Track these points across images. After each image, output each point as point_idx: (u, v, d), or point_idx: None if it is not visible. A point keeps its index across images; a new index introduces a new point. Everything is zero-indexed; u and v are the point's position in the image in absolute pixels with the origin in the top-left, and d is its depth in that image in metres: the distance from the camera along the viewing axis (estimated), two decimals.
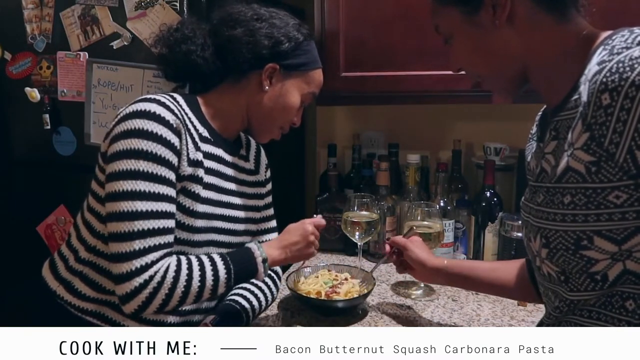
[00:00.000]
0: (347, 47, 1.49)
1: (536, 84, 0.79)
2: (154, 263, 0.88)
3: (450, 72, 1.39)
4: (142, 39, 1.37)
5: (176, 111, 0.94)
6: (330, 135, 1.92)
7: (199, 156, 0.98)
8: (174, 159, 0.92)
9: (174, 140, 0.92)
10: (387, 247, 1.21)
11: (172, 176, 0.92)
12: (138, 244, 0.87)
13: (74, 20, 1.45)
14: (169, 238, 0.92)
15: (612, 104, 0.59)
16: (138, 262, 0.87)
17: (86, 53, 1.45)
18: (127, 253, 0.87)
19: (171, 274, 0.89)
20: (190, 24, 1.07)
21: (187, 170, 0.95)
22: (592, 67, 0.64)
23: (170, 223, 0.92)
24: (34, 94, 1.52)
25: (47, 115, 1.49)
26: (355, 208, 1.36)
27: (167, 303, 0.90)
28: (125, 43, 1.40)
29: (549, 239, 0.71)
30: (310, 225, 1.09)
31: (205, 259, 0.95)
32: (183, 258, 0.93)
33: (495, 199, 1.48)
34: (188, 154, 0.95)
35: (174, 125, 0.92)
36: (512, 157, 1.66)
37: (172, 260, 0.91)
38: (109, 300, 0.98)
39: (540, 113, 0.89)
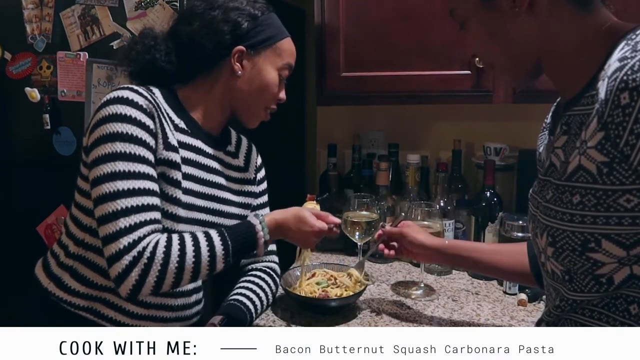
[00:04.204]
0: (347, 47, 1.49)
1: (551, 75, 0.76)
2: (141, 239, 0.87)
3: (450, 72, 1.42)
4: None
5: (149, 97, 0.94)
6: (330, 135, 1.92)
7: (174, 142, 0.98)
8: (150, 140, 0.92)
9: (148, 122, 0.92)
10: (381, 246, 1.21)
11: (150, 156, 0.92)
12: (123, 222, 0.86)
13: (74, 20, 1.45)
14: (155, 215, 0.91)
15: (631, 104, 0.57)
16: (126, 240, 0.86)
17: (86, 53, 1.45)
18: (113, 233, 0.86)
19: (161, 249, 0.88)
20: (151, 32, 1.06)
21: (164, 153, 0.95)
22: (613, 63, 0.61)
23: (154, 200, 0.91)
24: (34, 94, 1.52)
25: (47, 115, 1.49)
26: (355, 208, 1.36)
27: (162, 280, 0.88)
28: (125, 43, 1.40)
29: (555, 237, 0.69)
30: (322, 233, 1.06)
31: (199, 234, 0.93)
32: (174, 234, 0.92)
33: (495, 199, 1.48)
34: (165, 136, 0.95)
35: (147, 109, 0.93)
36: (512, 157, 1.66)
37: (162, 236, 0.90)
38: (99, 296, 0.98)
39: (555, 104, 0.86)
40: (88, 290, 0.98)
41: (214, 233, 0.94)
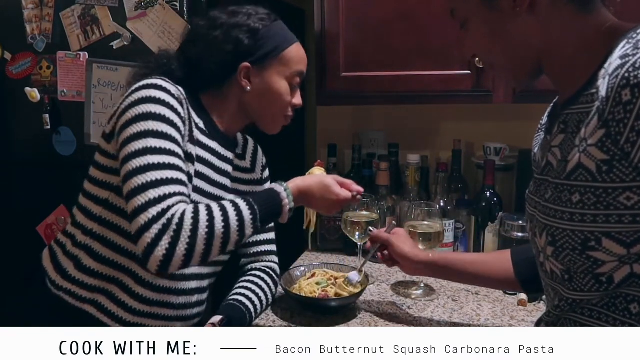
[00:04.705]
0: (347, 47, 1.49)
1: (550, 74, 0.76)
2: (170, 208, 0.85)
3: (450, 72, 1.42)
4: (142, 39, 1.37)
5: (179, 89, 0.97)
6: (330, 135, 1.92)
7: (195, 137, 0.99)
8: (180, 125, 0.94)
9: (179, 109, 0.94)
10: (368, 243, 1.23)
11: (179, 138, 0.93)
12: (152, 193, 0.85)
13: (74, 20, 1.45)
14: (183, 189, 0.90)
15: (633, 101, 0.56)
16: (154, 210, 0.84)
17: (86, 53, 1.45)
18: (143, 204, 0.85)
19: (189, 215, 0.86)
20: (166, 53, 1.08)
21: (187, 145, 0.96)
22: (614, 61, 0.61)
23: (183, 177, 0.91)
24: (34, 94, 1.52)
25: (47, 115, 1.49)
26: (355, 208, 1.36)
27: (192, 247, 0.85)
28: (125, 43, 1.40)
29: (555, 237, 0.69)
30: (347, 201, 1.06)
31: (225, 202, 0.92)
32: (200, 204, 0.90)
33: (495, 199, 1.48)
34: (191, 127, 0.97)
35: (178, 97, 0.94)
36: (512, 157, 1.66)
37: (189, 205, 0.88)
38: (103, 288, 0.99)
39: (551, 104, 0.86)
40: (92, 280, 0.99)
41: (239, 200, 0.93)
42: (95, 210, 0.99)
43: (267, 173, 1.25)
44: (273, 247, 1.26)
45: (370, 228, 1.28)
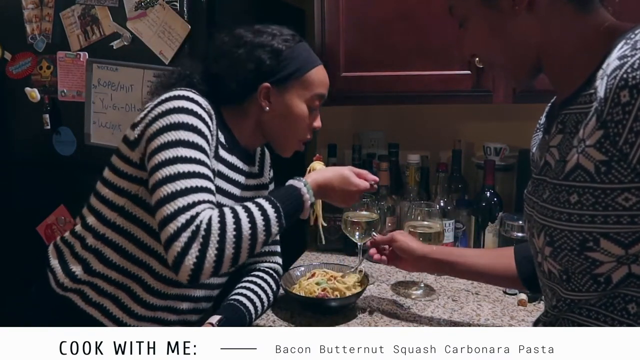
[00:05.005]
0: (347, 47, 1.49)
1: (550, 74, 0.77)
2: (198, 214, 0.85)
3: (450, 72, 1.42)
4: (142, 39, 1.37)
5: (207, 102, 0.98)
6: (330, 135, 1.92)
7: (218, 155, 1.00)
8: (209, 137, 0.95)
9: (208, 119, 0.95)
10: (372, 250, 1.22)
11: (208, 150, 0.93)
12: (181, 201, 0.85)
13: (74, 20, 1.45)
14: (212, 197, 0.89)
15: (631, 102, 0.56)
16: (183, 218, 0.84)
17: (86, 53, 1.45)
18: (172, 212, 0.84)
19: (215, 219, 0.85)
20: (188, 62, 1.09)
21: (212, 161, 0.97)
22: (612, 61, 0.61)
23: (211, 185, 0.91)
24: (34, 94, 1.52)
25: (47, 115, 1.49)
26: (356, 208, 1.36)
27: (222, 252, 0.85)
28: (125, 43, 1.40)
29: (553, 237, 0.70)
30: (365, 190, 1.07)
31: (247, 203, 0.92)
32: (225, 207, 0.90)
33: (495, 199, 1.48)
34: (217, 141, 0.98)
35: (207, 111, 0.95)
36: (512, 157, 1.66)
37: (214, 211, 0.88)
38: (110, 293, 0.99)
39: (549, 104, 0.86)
40: (101, 283, 0.99)
41: (261, 200, 0.93)
42: (109, 216, 0.98)
43: (272, 172, 1.26)
44: (277, 248, 1.26)
45: (374, 233, 1.27)
